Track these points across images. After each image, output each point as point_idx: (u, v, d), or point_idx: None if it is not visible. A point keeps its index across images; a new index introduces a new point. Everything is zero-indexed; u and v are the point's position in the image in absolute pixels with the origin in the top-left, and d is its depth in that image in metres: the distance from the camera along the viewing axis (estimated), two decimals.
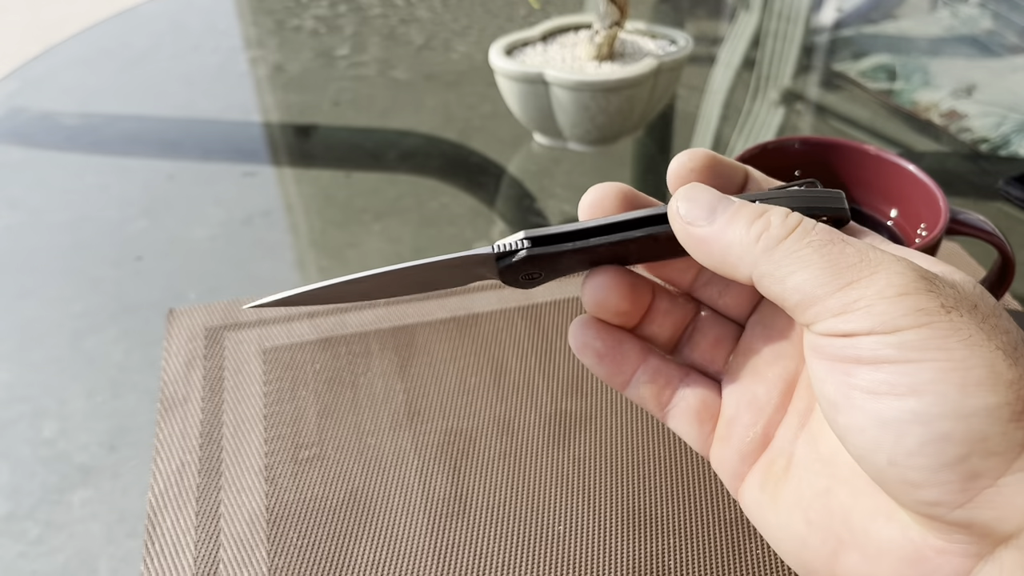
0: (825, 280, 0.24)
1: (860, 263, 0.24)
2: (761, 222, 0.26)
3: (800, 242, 0.25)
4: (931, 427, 0.22)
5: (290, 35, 0.99)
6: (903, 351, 0.23)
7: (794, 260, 0.25)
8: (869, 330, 0.23)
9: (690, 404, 0.32)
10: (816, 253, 0.25)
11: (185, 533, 0.42)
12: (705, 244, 0.27)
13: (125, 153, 0.76)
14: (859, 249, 0.25)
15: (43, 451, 0.47)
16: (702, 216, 0.27)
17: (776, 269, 0.25)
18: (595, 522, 0.42)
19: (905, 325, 0.23)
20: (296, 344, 0.52)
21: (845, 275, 0.24)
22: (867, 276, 0.24)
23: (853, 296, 0.24)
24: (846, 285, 0.24)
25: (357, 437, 0.46)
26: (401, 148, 0.76)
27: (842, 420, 0.24)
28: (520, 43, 0.69)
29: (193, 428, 0.47)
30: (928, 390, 0.22)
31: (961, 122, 0.78)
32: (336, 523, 0.42)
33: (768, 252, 0.25)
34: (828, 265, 0.24)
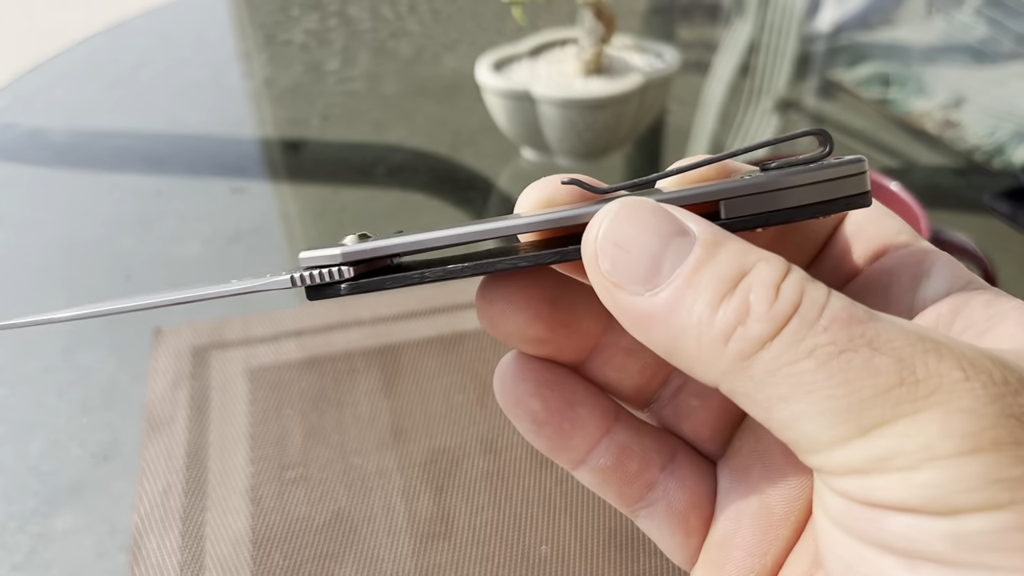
0: (836, 419, 0.15)
1: (900, 387, 0.15)
2: (733, 305, 0.17)
3: (796, 349, 0.16)
4: None
5: (280, 49, 0.99)
6: (960, 550, 0.15)
7: (785, 381, 0.16)
8: (908, 506, 0.15)
9: (674, 505, 0.23)
10: (823, 370, 0.16)
11: (170, 555, 0.42)
12: (643, 323, 0.18)
13: (114, 169, 0.76)
14: (899, 357, 0.15)
15: (33, 465, 0.48)
16: (638, 276, 0.17)
17: (757, 391, 0.16)
18: (579, 543, 0.42)
19: (968, 506, 0.14)
20: (282, 364, 0.52)
21: (871, 411, 0.15)
22: (910, 414, 0.15)
23: (883, 447, 0.15)
24: (873, 428, 0.15)
25: (342, 457, 0.46)
26: (390, 163, 0.76)
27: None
28: (508, 59, 0.69)
29: (179, 449, 0.47)
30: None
31: (955, 131, 0.78)
32: (321, 544, 0.42)
33: (743, 363, 0.16)
34: (843, 392, 0.15)
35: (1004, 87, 0.87)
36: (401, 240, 0.22)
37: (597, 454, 0.23)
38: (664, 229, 0.18)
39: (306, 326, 0.55)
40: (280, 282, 0.22)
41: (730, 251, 0.17)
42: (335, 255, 0.22)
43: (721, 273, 0.17)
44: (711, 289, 0.17)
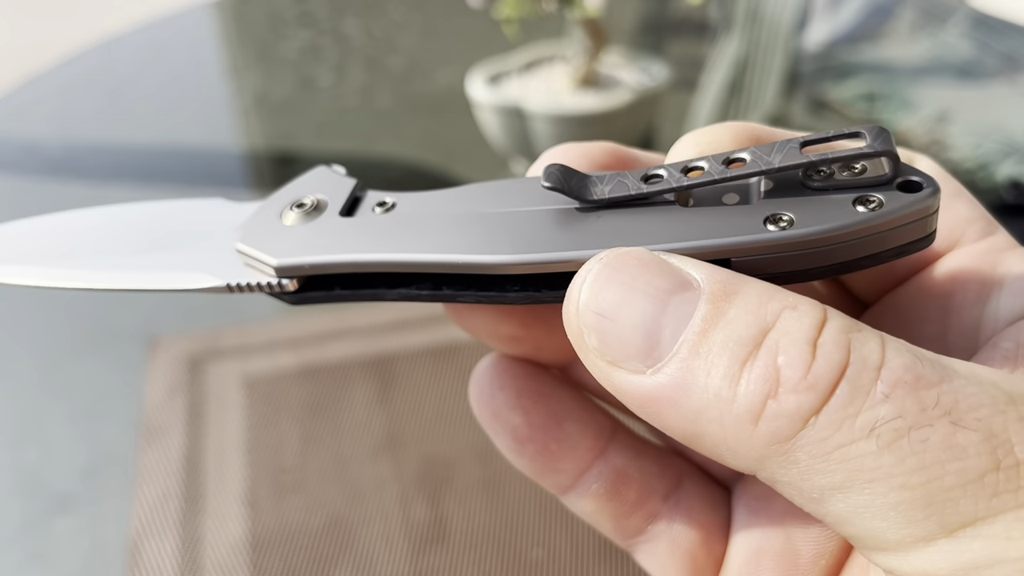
0: (913, 516, 0.12)
1: (996, 472, 0.12)
2: (757, 373, 0.13)
3: (851, 427, 0.12)
4: None
5: (273, 66, 1.00)
6: None
7: (840, 467, 0.12)
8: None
9: (680, 540, 0.19)
10: (889, 453, 0.12)
11: (168, 559, 0.42)
12: (651, 407, 0.14)
13: (107, 182, 0.77)
14: (990, 431, 0.12)
15: (24, 479, 0.48)
16: (633, 351, 0.14)
17: (803, 479, 0.13)
18: (572, 547, 0.42)
19: None
20: (278, 372, 0.53)
21: (960, 505, 0.12)
22: (1013, 508, 0.12)
23: (978, 552, 0.12)
24: (963, 527, 0.12)
25: (338, 464, 0.47)
26: (383, 178, 0.77)
27: None
28: (499, 74, 0.70)
29: (176, 456, 0.48)
30: None
31: (940, 147, 0.79)
32: (317, 549, 0.43)
33: (782, 447, 0.13)
34: (920, 481, 0.12)
35: (988, 105, 0.89)
36: (368, 259, 0.18)
37: (589, 479, 0.19)
38: (659, 285, 0.14)
39: (301, 335, 0.55)
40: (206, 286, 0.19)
41: (746, 301, 0.13)
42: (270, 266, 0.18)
43: (737, 333, 0.13)
44: (726, 355, 0.13)
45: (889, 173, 0.15)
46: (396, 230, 0.18)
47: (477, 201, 0.18)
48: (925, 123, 0.83)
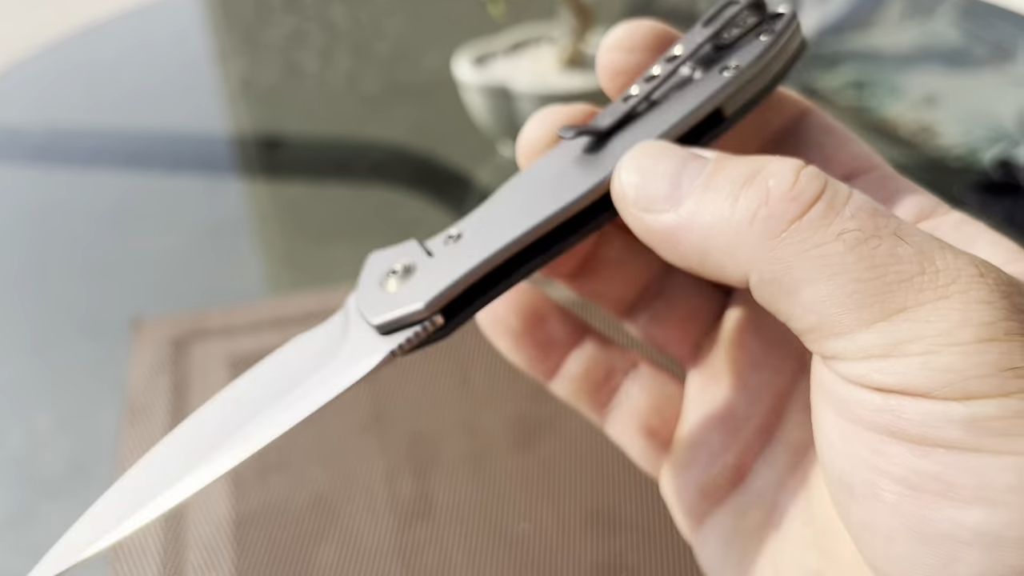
0: (862, 301, 0.16)
1: (921, 275, 0.16)
2: (755, 188, 0.17)
3: (826, 231, 0.16)
4: (1000, 555, 0.15)
5: (258, 51, 0.99)
6: (974, 434, 0.15)
7: (814, 262, 0.16)
8: (925, 390, 0.15)
9: (637, 407, 0.24)
10: (851, 253, 0.16)
11: (151, 537, 0.42)
12: (673, 237, 0.18)
13: (92, 167, 0.76)
14: (920, 248, 0.16)
15: (12, 468, 0.47)
16: (661, 195, 0.18)
17: (785, 273, 0.17)
18: (558, 522, 0.42)
19: (982, 391, 0.15)
20: (263, 352, 0.52)
21: (895, 296, 0.16)
22: (931, 301, 0.16)
23: (905, 334, 0.16)
24: (896, 312, 0.16)
25: (322, 441, 0.47)
26: (369, 160, 0.76)
27: (858, 515, 0.17)
28: (486, 55, 0.70)
29: (159, 436, 0.47)
30: (1006, 500, 0.15)
31: (929, 134, 0.80)
32: (302, 526, 0.42)
33: (770, 244, 0.17)
34: (870, 276, 0.16)
35: (977, 92, 0.89)
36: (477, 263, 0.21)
37: (569, 364, 0.25)
38: (679, 154, 0.19)
39: (286, 315, 0.55)
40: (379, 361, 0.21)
41: (744, 159, 0.18)
42: (418, 310, 0.21)
43: (738, 173, 0.18)
44: (728, 185, 0.18)
45: (763, 15, 0.21)
46: (485, 231, 0.21)
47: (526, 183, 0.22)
48: (914, 110, 0.83)
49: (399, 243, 0.23)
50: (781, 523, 0.21)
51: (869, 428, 0.16)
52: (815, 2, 1.09)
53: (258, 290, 0.60)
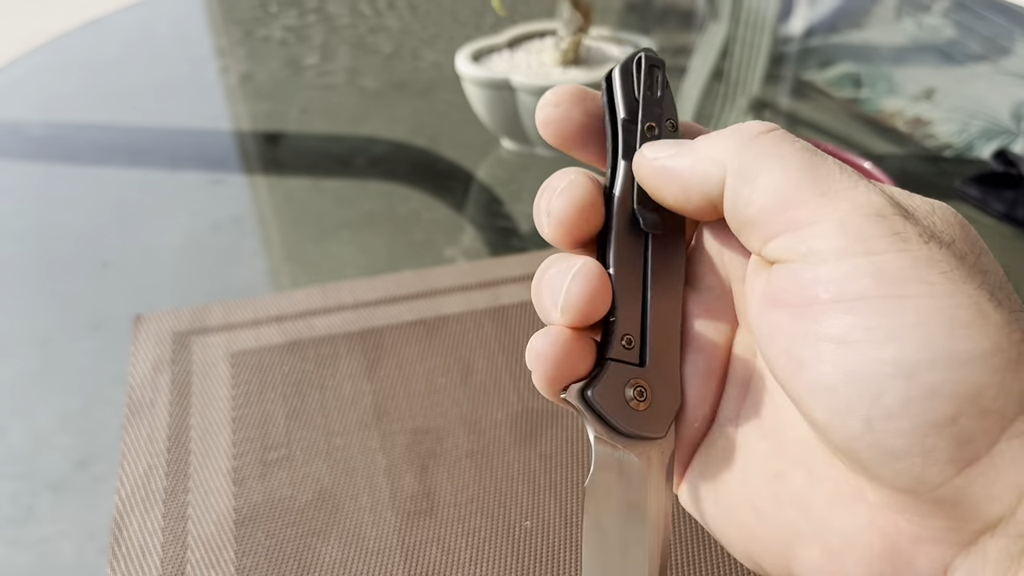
0: (802, 184, 0.21)
1: (840, 174, 0.21)
2: (735, 129, 0.24)
3: (781, 141, 0.22)
4: (916, 380, 0.18)
5: (259, 44, 0.99)
6: (880, 283, 0.19)
7: (771, 158, 0.22)
8: (840, 250, 0.20)
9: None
10: (798, 154, 0.22)
11: (152, 535, 0.42)
12: (674, 171, 0.24)
13: (93, 162, 0.76)
14: (840, 165, 0.22)
15: (10, 465, 0.47)
16: (669, 151, 0.24)
17: (751, 163, 0.22)
18: (562, 517, 0.42)
19: (881, 248, 0.20)
20: (264, 348, 0.52)
21: (823, 183, 0.21)
22: (846, 188, 0.21)
23: (827, 208, 0.21)
24: (822, 194, 0.21)
25: (325, 438, 0.47)
26: (369, 155, 0.76)
27: (806, 379, 0.20)
28: (487, 50, 0.70)
29: (160, 432, 0.47)
30: (911, 334, 0.19)
31: (925, 128, 0.79)
32: (304, 523, 0.42)
33: (744, 145, 0.23)
34: (808, 168, 0.21)
35: (972, 87, 0.89)
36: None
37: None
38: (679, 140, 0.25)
39: (287, 311, 0.55)
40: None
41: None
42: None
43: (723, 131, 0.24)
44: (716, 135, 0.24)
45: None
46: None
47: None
48: (910, 105, 0.83)
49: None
50: (743, 443, 0.25)
51: (804, 304, 0.20)
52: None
53: (259, 284, 0.60)
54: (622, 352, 0.25)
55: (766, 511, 0.23)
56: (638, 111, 0.25)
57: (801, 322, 0.21)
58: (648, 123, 0.25)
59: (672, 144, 0.24)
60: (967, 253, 0.20)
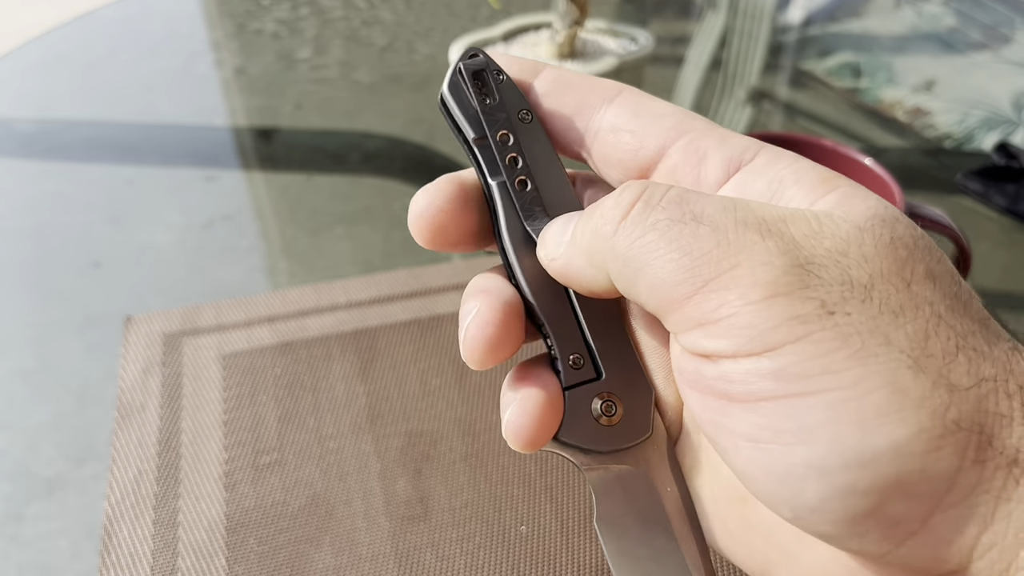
0: (678, 278, 0.19)
1: (717, 249, 0.19)
2: (595, 214, 0.21)
3: (643, 224, 0.20)
4: (831, 479, 0.18)
5: (251, 38, 0.98)
6: (781, 383, 0.18)
7: (639, 250, 0.20)
8: (736, 351, 0.18)
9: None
10: (663, 239, 0.19)
11: (142, 542, 0.41)
12: (570, 270, 0.22)
13: (84, 159, 0.75)
14: (715, 228, 0.19)
15: (4, 464, 0.47)
16: (558, 240, 0.23)
17: (625, 266, 0.20)
18: (558, 522, 0.42)
19: (778, 342, 0.18)
20: (256, 349, 0.51)
21: (701, 271, 0.19)
22: (727, 271, 0.19)
23: (713, 302, 0.19)
24: (703, 286, 0.19)
25: (318, 441, 0.46)
26: (364, 150, 0.75)
27: (731, 465, 0.20)
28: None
29: (151, 436, 0.46)
30: (820, 435, 0.18)
31: (925, 119, 0.79)
32: (297, 528, 0.42)
33: (608, 244, 0.20)
34: (679, 256, 0.19)
35: (972, 76, 0.88)
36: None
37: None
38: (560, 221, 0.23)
39: (279, 311, 0.54)
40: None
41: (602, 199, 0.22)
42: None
43: (586, 214, 0.22)
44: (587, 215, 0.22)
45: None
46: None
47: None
48: (910, 95, 0.82)
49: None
50: (707, 460, 0.24)
51: (714, 396, 0.19)
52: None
53: (253, 282, 0.59)
54: (575, 375, 0.24)
55: (737, 535, 0.23)
56: (483, 124, 0.24)
57: (713, 413, 0.20)
58: (499, 132, 0.24)
59: (559, 234, 0.23)
60: (891, 293, 0.18)
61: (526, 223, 0.24)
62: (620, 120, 0.24)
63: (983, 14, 1.02)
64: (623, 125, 0.24)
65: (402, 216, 0.65)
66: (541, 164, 0.24)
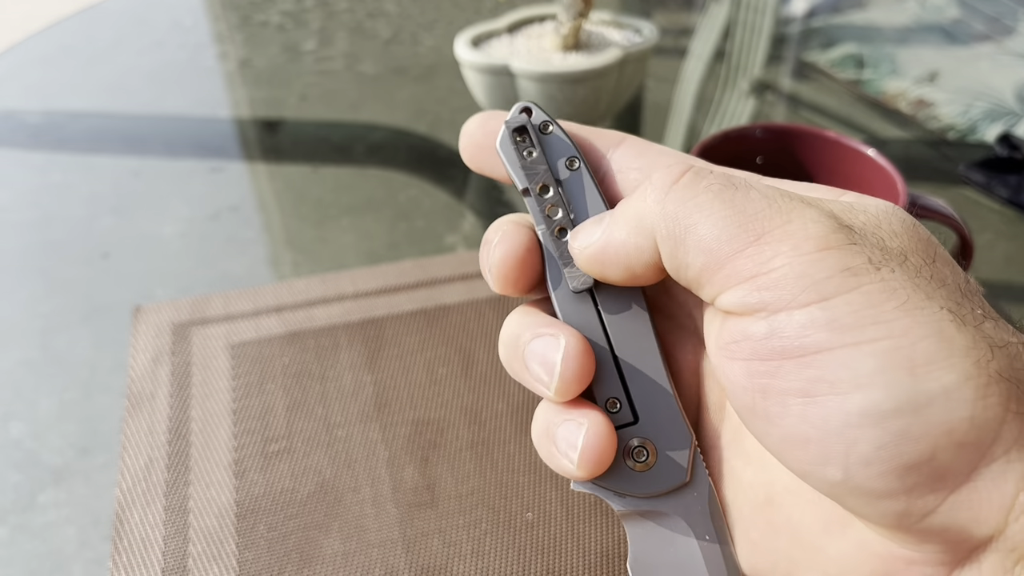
0: (732, 232, 0.20)
1: (769, 209, 0.20)
2: (645, 185, 0.22)
3: (695, 187, 0.21)
4: (886, 426, 0.18)
5: (256, 30, 0.98)
6: (835, 333, 0.19)
7: (691, 209, 0.21)
8: (790, 302, 0.19)
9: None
10: (717, 199, 0.21)
11: (154, 529, 0.42)
12: (604, 250, 0.23)
13: (90, 150, 0.75)
14: (764, 194, 0.21)
15: (13, 454, 0.47)
16: (595, 235, 0.23)
17: (674, 225, 0.21)
18: (564, 509, 0.42)
19: (833, 291, 0.19)
20: (264, 339, 0.52)
21: (754, 225, 0.20)
22: (780, 226, 0.20)
23: (767, 254, 0.20)
24: (757, 239, 0.20)
25: (326, 430, 0.46)
26: (369, 142, 0.76)
27: (777, 434, 0.20)
28: (486, 35, 0.69)
29: (161, 424, 0.47)
30: (874, 381, 0.18)
31: (929, 110, 0.79)
32: (306, 515, 0.42)
33: (661, 206, 0.21)
34: (733, 213, 0.20)
35: (976, 67, 0.88)
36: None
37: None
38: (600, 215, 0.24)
39: (287, 302, 0.54)
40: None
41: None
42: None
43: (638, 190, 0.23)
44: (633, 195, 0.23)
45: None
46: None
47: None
48: (913, 87, 0.83)
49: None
50: (729, 472, 0.25)
51: (764, 357, 0.20)
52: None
53: (259, 273, 0.59)
54: (612, 418, 0.24)
55: (761, 542, 0.24)
56: (524, 177, 0.25)
57: (760, 378, 0.20)
58: (539, 185, 0.25)
59: (595, 224, 0.24)
60: (922, 264, 0.20)
61: (564, 269, 0.25)
62: (625, 161, 0.25)
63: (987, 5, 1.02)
64: (629, 164, 0.25)
65: (407, 207, 0.66)
66: (581, 211, 0.25)
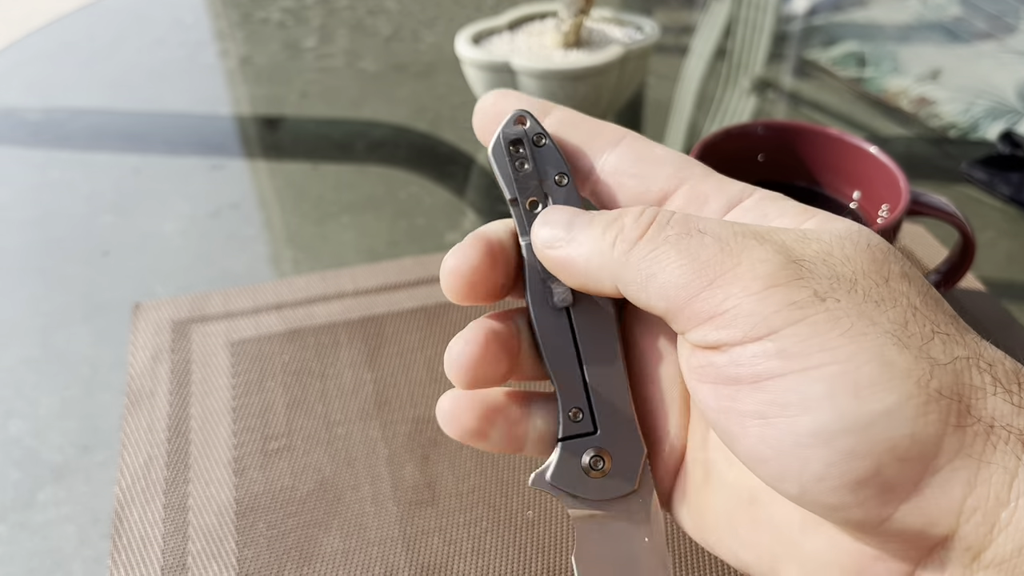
0: (687, 280, 0.22)
1: (721, 253, 0.22)
2: (615, 226, 0.24)
3: (656, 240, 0.23)
4: (834, 445, 0.20)
5: (257, 27, 0.98)
6: (784, 361, 0.20)
7: (652, 262, 0.22)
8: (743, 337, 0.21)
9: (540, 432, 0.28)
10: (674, 249, 0.22)
11: (153, 526, 0.42)
12: (568, 263, 0.24)
13: (91, 148, 0.75)
14: (717, 236, 0.22)
15: (13, 451, 0.47)
16: (559, 235, 0.25)
17: (636, 275, 0.23)
18: (564, 507, 0.42)
19: (780, 324, 0.20)
20: (264, 336, 0.52)
21: (707, 271, 0.22)
22: (730, 269, 0.21)
23: (719, 296, 0.21)
24: (709, 284, 0.22)
25: (326, 427, 0.46)
26: (369, 139, 0.76)
27: (741, 450, 0.22)
28: (487, 32, 0.69)
29: (160, 422, 0.47)
30: (822, 404, 0.20)
31: (930, 108, 0.79)
32: (305, 513, 0.42)
33: (624, 257, 0.23)
34: (688, 261, 0.22)
35: (978, 65, 0.88)
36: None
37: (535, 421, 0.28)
38: (570, 211, 0.25)
39: (287, 299, 0.54)
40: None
41: (611, 211, 0.25)
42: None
43: (606, 215, 0.24)
44: (600, 224, 0.24)
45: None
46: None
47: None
48: (914, 85, 0.82)
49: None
50: (715, 473, 0.26)
51: (723, 383, 0.22)
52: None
53: (260, 270, 0.59)
54: (572, 427, 0.26)
55: (746, 537, 0.25)
56: (516, 190, 0.26)
57: (723, 400, 0.22)
58: (528, 198, 0.26)
59: (562, 226, 0.25)
60: (872, 287, 0.21)
61: (550, 284, 0.26)
62: (623, 164, 0.26)
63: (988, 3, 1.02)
64: (627, 169, 0.26)
65: (408, 204, 0.66)
66: None
